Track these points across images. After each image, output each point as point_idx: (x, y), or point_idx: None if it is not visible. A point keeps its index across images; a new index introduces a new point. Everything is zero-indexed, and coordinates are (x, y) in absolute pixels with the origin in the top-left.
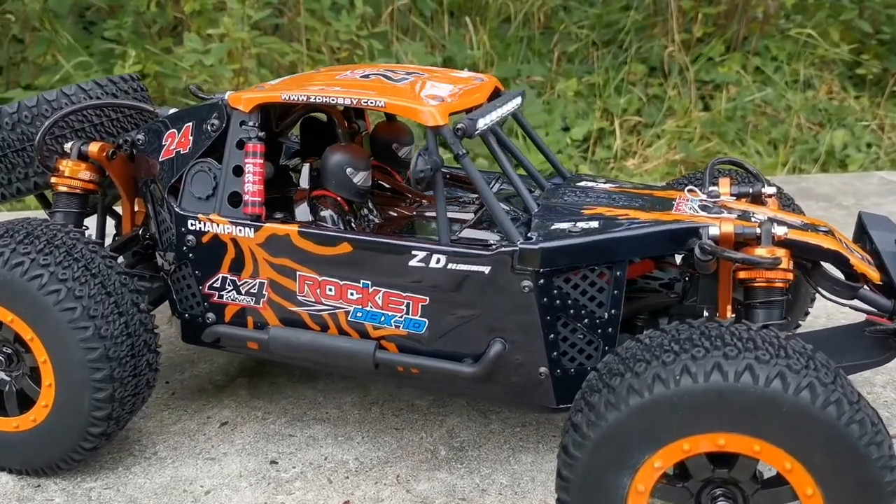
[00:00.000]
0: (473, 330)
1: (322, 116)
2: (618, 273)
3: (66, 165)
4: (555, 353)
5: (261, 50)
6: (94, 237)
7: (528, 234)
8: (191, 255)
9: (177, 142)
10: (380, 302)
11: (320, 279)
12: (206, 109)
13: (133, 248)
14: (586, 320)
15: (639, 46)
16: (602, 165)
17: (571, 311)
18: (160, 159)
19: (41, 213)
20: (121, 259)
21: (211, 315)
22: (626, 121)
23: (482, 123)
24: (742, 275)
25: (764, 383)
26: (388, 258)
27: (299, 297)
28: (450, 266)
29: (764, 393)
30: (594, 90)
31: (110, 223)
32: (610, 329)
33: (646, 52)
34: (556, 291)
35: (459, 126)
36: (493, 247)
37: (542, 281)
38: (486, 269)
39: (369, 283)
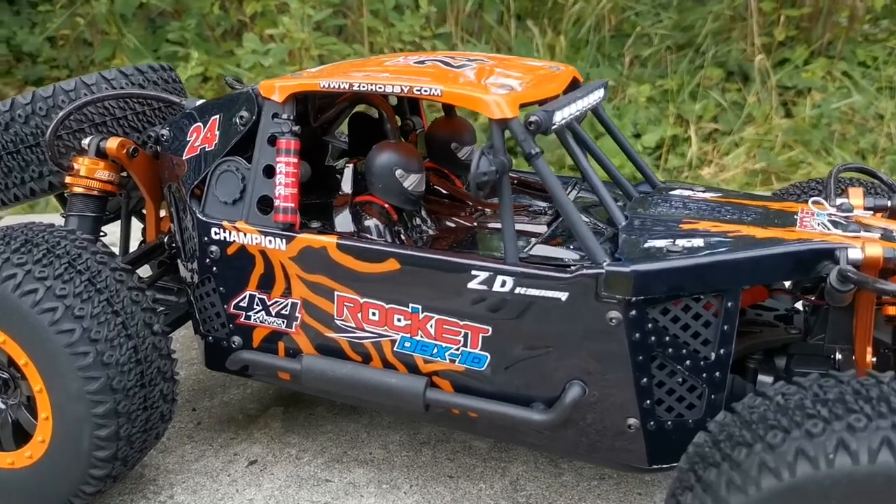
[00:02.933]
0: (546, 369)
1: (374, 112)
2: (729, 304)
3: (82, 163)
4: (648, 402)
5: (321, 51)
6: (118, 244)
7: (616, 254)
8: (214, 268)
9: (202, 137)
10: (432, 331)
11: (362, 301)
12: (234, 100)
13: (158, 257)
14: (688, 361)
15: (716, 50)
16: (675, 174)
17: (670, 350)
18: (185, 157)
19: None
20: (144, 270)
21: (237, 338)
22: (701, 128)
23: (559, 117)
24: (892, 311)
25: None
26: (443, 278)
27: (337, 322)
28: (518, 290)
29: None
30: (667, 95)
31: (137, 227)
32: (717, 373)
33: (723, 57)
34: (650, 325)
35: (533, 119)
36: (573, 268)
37: (633, 312)
38: (564, 296)
39: (420, 307)
